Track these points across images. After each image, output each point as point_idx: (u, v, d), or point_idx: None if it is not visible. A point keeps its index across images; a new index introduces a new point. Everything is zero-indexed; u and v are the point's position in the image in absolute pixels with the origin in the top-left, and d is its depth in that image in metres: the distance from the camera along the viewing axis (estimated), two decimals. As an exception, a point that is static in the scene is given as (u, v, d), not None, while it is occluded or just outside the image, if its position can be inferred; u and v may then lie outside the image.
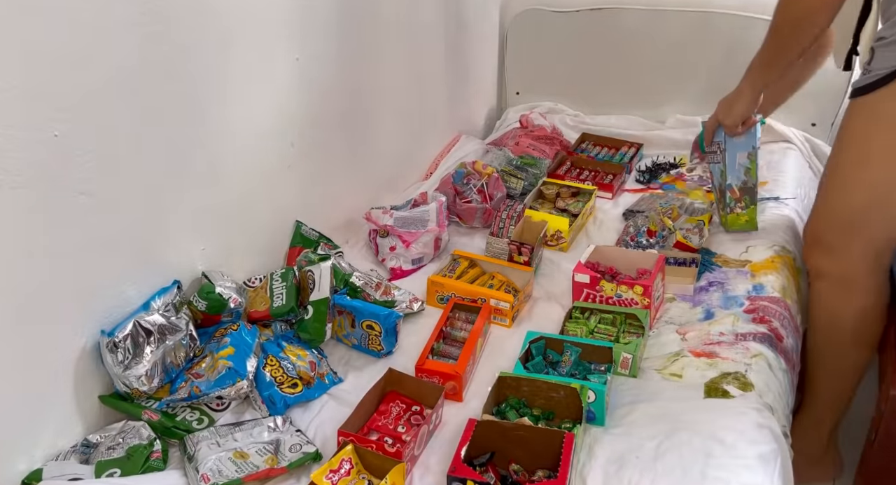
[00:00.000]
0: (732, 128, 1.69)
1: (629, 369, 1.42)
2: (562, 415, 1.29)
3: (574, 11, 2.57)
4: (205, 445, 1.23)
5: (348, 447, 1.19)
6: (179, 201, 1.41)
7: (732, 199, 1.76)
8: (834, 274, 1.57)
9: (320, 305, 1.48)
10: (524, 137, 2.39)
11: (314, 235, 1.79)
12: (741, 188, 1.75)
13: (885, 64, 1.38)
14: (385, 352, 1.52)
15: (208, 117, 1.43)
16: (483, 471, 1.18)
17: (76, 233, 1.20)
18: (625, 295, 1.55)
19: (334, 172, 1.90)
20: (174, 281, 1.42)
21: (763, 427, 1.27)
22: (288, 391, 1.37)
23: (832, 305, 1.59)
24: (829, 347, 1.63)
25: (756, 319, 1.53)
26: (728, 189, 1.75)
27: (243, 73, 1.50)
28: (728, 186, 1.75)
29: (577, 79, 2.66)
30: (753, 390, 1.35)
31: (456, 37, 2.40)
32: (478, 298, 1.61)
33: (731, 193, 1.76)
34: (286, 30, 1.59)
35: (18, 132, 1.07)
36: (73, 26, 1.11)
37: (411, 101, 2.20)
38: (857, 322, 1.57)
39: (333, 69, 1.79)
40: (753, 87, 1.62)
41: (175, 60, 1.32)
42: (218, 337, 1.41)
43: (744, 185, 1.75)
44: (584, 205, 2.00)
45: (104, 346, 1.26)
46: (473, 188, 2.00)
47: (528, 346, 1.42)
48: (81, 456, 1.23)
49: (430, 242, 1.84)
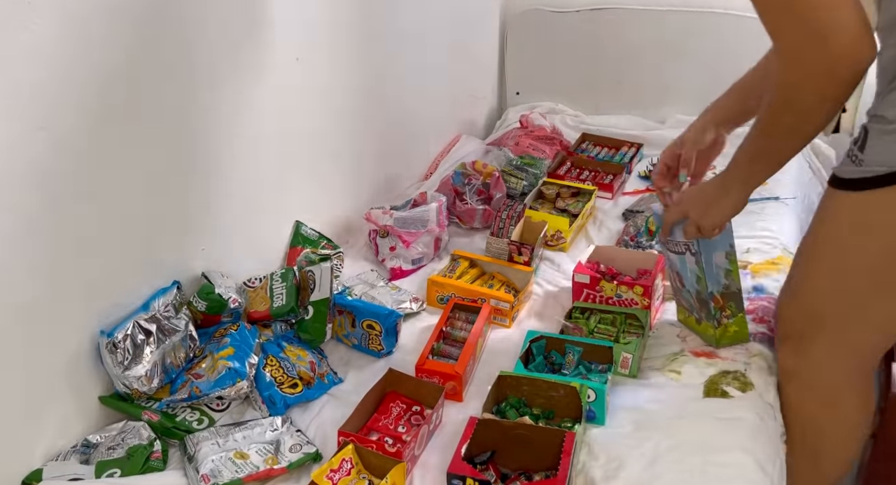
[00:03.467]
0: (709, 232, 1.33)
1: (629, 369, 1.42)
2: (562, 414, 1.29)
3: (574, 11, 2.57)
4: (205, 445, 1.23)
5: (349, 447, 1.19)
6: (179, 201, 1.41)
7: (717, 308, 1.43)
8: (811, 382, 1.34)
9: (321, 306, 1.48)
10: (524, 137, 2.39)
11: (314, 235, 1.79)
12: (723, 294, 1.42)
13: (885, 159, 1.12)
14: (385, 352, 1.52)
15: (208, 117, 1.43)
16: (483, 469, 1.18)
17: (76, 233, 1.20)
18: (625, 295, 1.55)
19: (334, 172, 1.90)
20: (174, 281, 1.42)
21: (763, 427, 1.27)
22: (288, 391, 1.37)
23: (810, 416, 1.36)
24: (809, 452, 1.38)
25: (756, 319, 1.53)
26: (710, 298, 1.41)
27: (243, 73, 1.50)
28: (710, 294, 1.41)
29: (577, 79, 2.67)
30: (753, 389, 1.35)
31: (456, 37, 2.40)
32: (478, 298, 1.61)
33: (713, 302, 1.42)
34: (286, 30, 1.59)
35: (17, 132, 1.07)
36: (73, 26, 1.11)
37: (411, 101, 2.20)
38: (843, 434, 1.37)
39: (333, 69, 1.79)
40: (746, 187, 1.26)
41: (175, 60, 1.32)
42: (218, 337, 1.41)
43: (726, 289, 1.42)
44: (584, 205, 2.00)
45: (104, 346, 1.26)
46: (474, 188, 2.00)
47: (528, 345, 1.42)
48: (81, 456, 1.23)
49: (430, 242, 1.84)
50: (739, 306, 1.44)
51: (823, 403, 1.34)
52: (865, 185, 1.15)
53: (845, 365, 1.31)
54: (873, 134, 1.15)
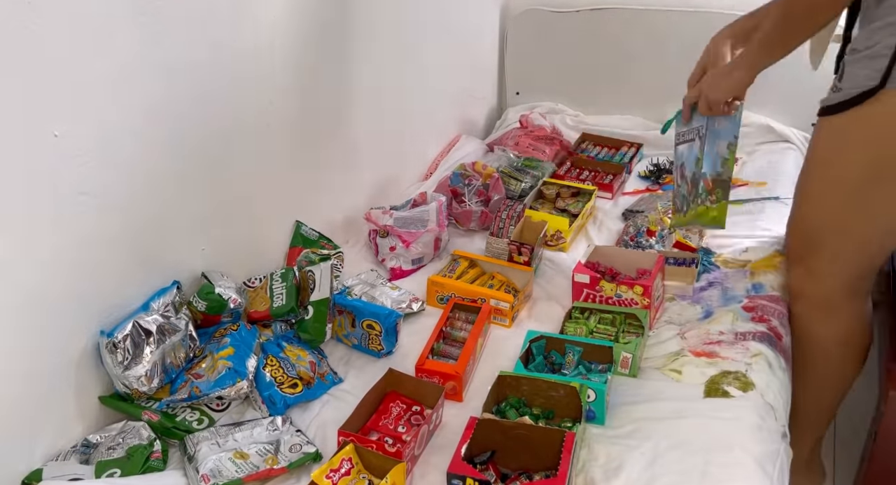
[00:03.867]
0: (716, 104, 1.46)
1: (629, 369, 1.42)
2: (562, 414, 1.29)
3: (574, 11, 2.57)
4: (205, 445, 1.23)
5: (349, 447, 1.19)
6: (179, 201, 1.41)
7: (705, 190, 1.52)
8: (813, 297, 1.50)
9: (321, 306, 1.48)
10: (524, 137, 2.39)
11: (314, 235, 1.79)
12: (714, 179, 1.51)
13: (856, 83, 1.29)
14: (385, 352, 1.52)
15: (208, 117, 1.43)
16: (483, 469, 1.18)
17: (76, 233, 1.20)
18: (625, 295, 1.55)
19: (334, 172, 1.90)
20: (174, 281, 1.42)
21: (763, 427, 1.27)
22: (288, 391, 1.37)
23: (812, 328, 1.53)
24: (810, 368, 1.55)
25: (755, 318, 1.53)
26: (702, 178, 1.52)
27: (243, 73, 1.50)
28: (703, 175, 1.51)
29: (577, 79, 2.66)
30: (754, 389, 1.35)
31: (456, 37, 2.40)
32: (478, 298, 1.61)
33: (704, 183, 1.52)
34: (285, 30, 1.59)
35: (18, 132, 1.07)
36: (72, 25, 1.11)
37: (411, 101, 2.20)
38: (838, 346, 1.51)
39: (333, 69, 1.79)
40: (752, 67, 1.42)
41: (175, 60, 1.32)
42: (218, 337, 1.41)
43: (718, 176, 1.51)
44: (584, 205, 2.00)
45: (104, 346, 1.26)
46: (474, 189, 2.00)
47: (528, 345, 1.42)
48: (81, 456, 1.23)
49: (430, 242, 1.84)
50: (726, 194, 1.51)
51: (825, 313, 1.49)
52: (842, 107, 1.31)
53: (841, 277, 1.45)
54: (848, 64, 1.31)
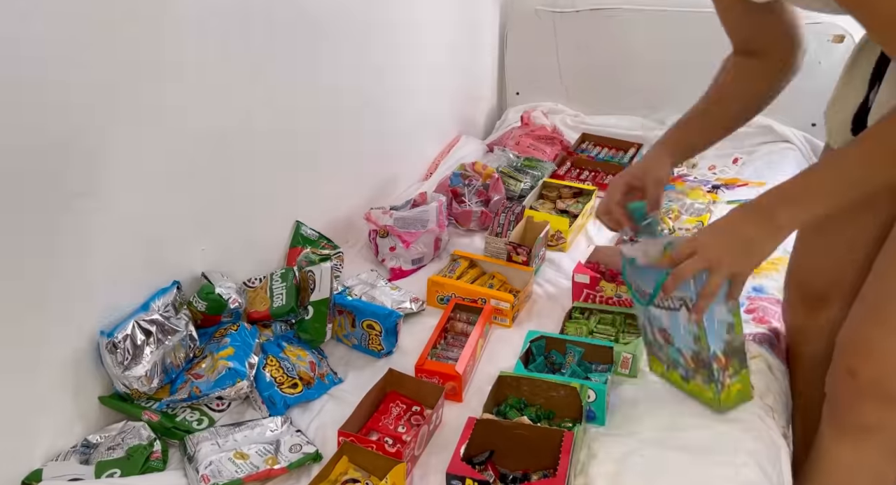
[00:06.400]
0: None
1: (629, 369, 1.42)
2: (562, 414, 1.29)
3: (574, 11, 2.57)
4: (205, 445, 1.22)
5: (343, 459, 1.18)
6: (179, 201, 1.41)
7: (719, 369, 1.23)
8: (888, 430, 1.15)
9: (321, 306, 1.48)
10: (525, 137, 2.39)
11: (314, 236, 1.79)
12: (726, 353, 1.22)
13: None
14: (385, 352, 1.52)
15: (208, 117, 1.43)
16: (482, 469, 1.18)
17: (75, 233, 1.20)
18: (625, 295, 1.55)
19: (334, 171, 1.90)
20: (174, 281, 1.42)
21: (763, 428, 1.27)
22: (288, 392, 1.37)
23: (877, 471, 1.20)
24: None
25: (756, 320, 1.53)
26: (713, 359, 1.21)
27: (242, 72, 1.50)
28: (713, 355, 1.20)
29: (577, 79, 2.67)
30: (754, 390, 1.35)
31: (456, 37, 2.40)
32: (478, 298, 1.61)
33: (716, 362, 1.22)
34: (285, 30, 1.59)
35: (17, 132, 1.07)
36: (72, 25, 1.11)
37: (411, 101, 2.20)
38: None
39: (334, 69, 1.79)
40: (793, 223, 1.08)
41: (174, 60, 1.32)
42: (218, 337, 1.41)
43: (728, 346, 1.22)
44: (585, 205, 2.00)
45: (104, 346, 1.26)
46: (474, 189, 2.00)
47: (528, 345, 1.42)
48: (81, 456, 1.23)
49: (430, 242, 1.84)
50: (742, 362, 1.25)
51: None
52: None
53: None
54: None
